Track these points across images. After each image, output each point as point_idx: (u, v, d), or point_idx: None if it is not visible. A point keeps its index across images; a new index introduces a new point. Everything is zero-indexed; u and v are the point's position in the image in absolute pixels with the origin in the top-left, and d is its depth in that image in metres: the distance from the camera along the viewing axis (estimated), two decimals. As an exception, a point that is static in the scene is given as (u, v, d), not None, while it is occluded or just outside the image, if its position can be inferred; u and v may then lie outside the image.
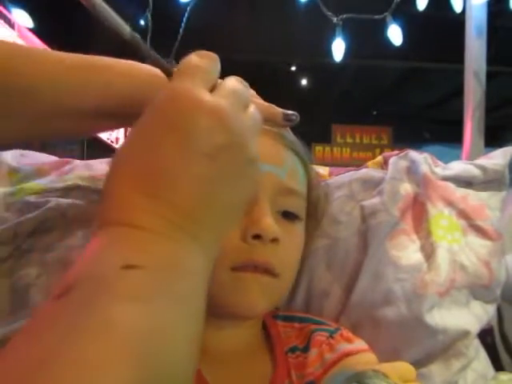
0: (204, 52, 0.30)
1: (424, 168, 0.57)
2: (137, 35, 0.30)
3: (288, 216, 0.45)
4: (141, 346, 0.20)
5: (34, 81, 0.38)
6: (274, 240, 0.42)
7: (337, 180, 0.59)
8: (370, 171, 0.60)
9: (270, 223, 0.41)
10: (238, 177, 0.28)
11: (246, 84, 0.32)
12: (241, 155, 0.28)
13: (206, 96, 0.27)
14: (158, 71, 0.45)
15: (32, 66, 0.38)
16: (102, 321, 0.20)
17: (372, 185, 0.58)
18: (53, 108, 0.40)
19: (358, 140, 6.00)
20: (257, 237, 0.41)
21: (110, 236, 0.24)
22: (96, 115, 0.41)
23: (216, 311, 0.43)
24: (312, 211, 0.50)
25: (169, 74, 0.31)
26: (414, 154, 0.59)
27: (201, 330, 0.24)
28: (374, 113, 5.79)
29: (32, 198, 0.50)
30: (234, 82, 0.30)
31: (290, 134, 0.49)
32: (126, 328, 0.20)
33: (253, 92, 0.48)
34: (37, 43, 2.94)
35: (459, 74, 1.50)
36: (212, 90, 0.28)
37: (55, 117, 0.41)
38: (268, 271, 0.42)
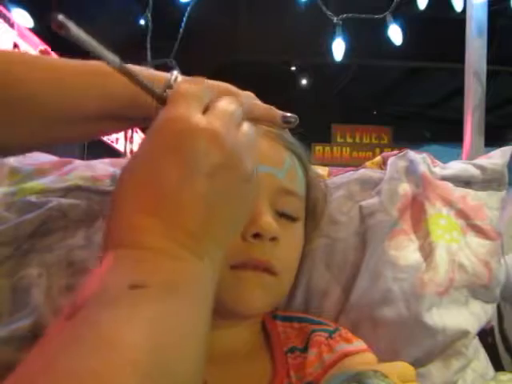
0: (192, 78, 0.32)
1: (422, 168, 0.57)
2: (125, 65, 0.31)
3: (286, 215, 0.45)
4: (145, 362, 0.20)
5: (35, 88, 0.39)
6: (274, 239, 0.42)
7: (335, 180, 0.60)
8: (368, 171, 0.60)
9: (269, 222, 0.42)
10: (237, 193, 0.30)
11: (240, 101, 0.33)
12: (237, 172, 0.29)
13: (200, 119, 0.28)
14: (158, 74, 0.45)
15: (33, 74, 0.39)
16: (107, 336, 0.20)
17: (370, 185, 0.58)
18: (55, 114, 0.41)
19: (357, 140, 5.99)
20: (256, 236, 0.41)
21: (117, 258, 0.25)
22: (98, 119, 0.42)
23: (215, 310, 0.43)
24: (311, 212, 0.50)
25: (161, 101, 0.32)
26: (412, 153, 0.59)
27: (207, 345, 0.25)
28: (374, 113, 5.79)
29: (33, 198, 0.50)
30: (225, 103, 0.32)
31: (289, 136, 0.49)
32: (131, 344, 0.20)
33: (251, 94, 0.48)
34: (37, 43, 2.94)
35: (459, 74, 1.50)
36: (205, 111, 0.30)
37: (57, 122, 0.41)
38: (267, 270, 0.42)
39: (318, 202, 0.52)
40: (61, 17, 0.27)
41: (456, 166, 0.60)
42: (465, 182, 0.59)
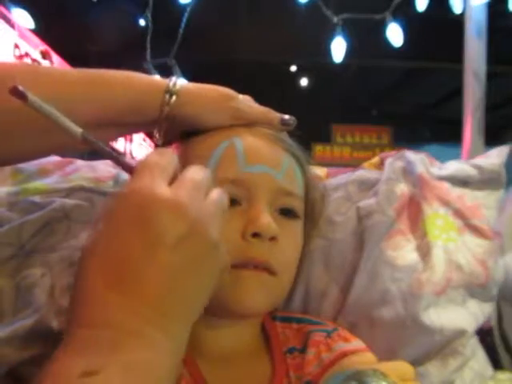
0: (160, 150, 0.33)
1: (420, 168, 0.57)
2: (88, 135, 0.32)
3: (286, 214, 0.46)
4: None
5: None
6: (273, 238, 0.42)
7: (333, 182, 0.60)
8: (366, 172, 0.60)
9: (268, 222, 0.42)
10: (202, 262, 0.29)
11: (207, 171, 0.34)
12: (202, 241, 0.29)
13: (164, 190, 0.29)
14: (156, 81, 0.46)
15: (35, 84, 0.39)
16: None
17: (368, 186, 0.58)
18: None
19: (358, 140, 5.99)
20: (256, 235, 0.41)
21: (75, 341, 0.25)
22: (97, 126, 0.42)
23: (215, 310, 0.43)
24: (309, 212, 0.51)
25: (130, 170, 0.32)
26: (410, 154, 0.59)
27: None
28: (374, 113, 5.79)
29: (36, 199, 0.51)
30: (192, 173, 0.32)
31: (287, 138, 0.49)
32: None
33: (249, 97, 0.48)
34: (37, 44, 2.94)
35: (459, 74, 1.51)
36: (171, 182, 0.30)
37: (57, 132, 0.42)
38: (267, 269, 0.43)
39: (316, 203, 0.52)
40: (21, 87, 0.28)
41: (453, 166, 0.60)
42: (462, 181, 0.59)
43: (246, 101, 0.47)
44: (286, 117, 0.48)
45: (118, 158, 0.33)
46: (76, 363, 0.23)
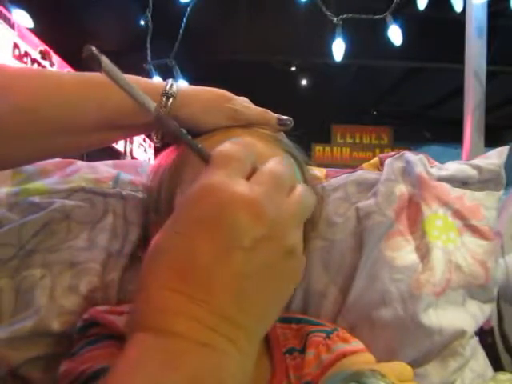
0: (237, 140, 0.30)
1: (419, 169, 0.57)
2: (162, 112, 0.29)
3: None
4: None
5: (33, 101, 0.39)
6: None
7: (332, 182, 0.60)
8: (365, 173, 0.60)
9: None
10: (277, 269, 0.27)
11: (290, 163, 0.31)
12: (279, 245, 0.26)
13: (241, 187, 0.26)
14: (153, 83, 0.45)
15: (32, 86, 0.39)
16: None
17: (367, 186, 0.58)
18: (53, 126, 0.41)
19: (357, 140, 5.99)
20: None
21: (143, 348, 0.24)
22: (96, 128, 0.43)
23: None
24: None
25: (205, 159, 0.29)
26: (409, 154, 0.59)
27: None
28: (374, 113, 5.79)
29: (37, 199, 0.51)
30: (273, 166, 0.29)
31: (285, 138, 0.49)
32: None
33: (245, 99, 0.48)
34: (37, 44, 2.94)
35: (459, 74, 1.50)
36: (250, 175, 0.28)
37: (56, 134, 0.42)
38: None
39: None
40: (94, 49, 0.26)
41: (453, 167, 0.60)
42: (462, 182, 0.59)
43: (242, 102, 0.47)
44: (283, 117, 0.48)
45: (192, 144, 0.30)
46: (146, 373, 0.22)
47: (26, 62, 2.83)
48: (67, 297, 0.46)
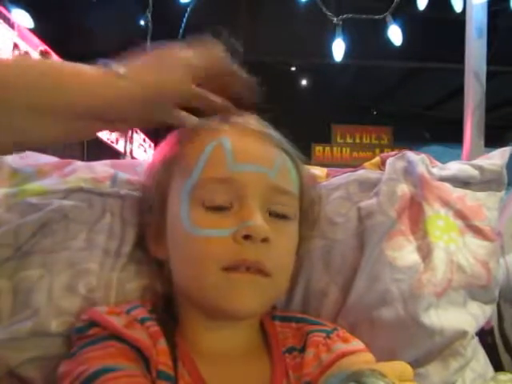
0: None
1: (421, 169, 0.57)
2: None
3: (279, 215, 0.45)
4: None
5: (29, 86, 0.39)
6: (265, 239, 0.42)
7: (334, 182, 0.60)
8: (366, 172, 0.60)
9: (259, 223, 0.41)
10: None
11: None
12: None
13: None
14: (103, 70, 0.44)
15: (27, 73, 0.39)
16: None
17: (369, 186, 0.58)
18: (49, 110, 0.40)
19: (358, 140, 6.00)
20: (247, 237, 0.41)
21: None
22: (88, 117, 0.42)
23: (211, 312, 0.43)
24: (305, 211, 0.50)
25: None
26: (411, 154, 0.59)
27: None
28: (374, 113, 5.79)
29: (34, 200, 0.50)
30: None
31: (276, 134, 0.49)
32: None
33: (200, 90, 0.47)
34: (37, 44, 2.94)
35: (459, 74, 1.50)
36: None
37: (52, 120, 0.41)
38: (260, 271, 0.42)
39: (312, 201, 0.52)
40: None
41: (454, 167, 0.60)
42: (463, 182, 0.59)
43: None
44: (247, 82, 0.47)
45: None
46: None
47: (25, 62, 2.83)
48: (66, 297, 0.46)
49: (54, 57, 3.18)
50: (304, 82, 5.07)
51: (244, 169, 0.43)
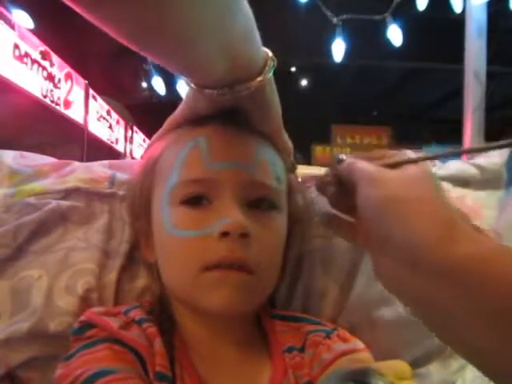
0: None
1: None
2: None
3: (262, 208, 0.44)
4: None
5: None
6: (244, 235, 0.40)
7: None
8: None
9: (236, 219, 0.40)
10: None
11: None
12: None
13: None
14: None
15: None
16: None
17: None
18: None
19: (358, 140, 6.00)
20: (225, 234, 0.40)
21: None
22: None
23: (199, 313, 0.43)
24: (294, 205, 0.50)
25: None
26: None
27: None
28: (374, 113, 5.80)
29: (32, 200, 0.50)
30: None
31: (257, 129, 0.46)
32: None
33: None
34: (37, 44, 2.94)
35: (459, 74, 1.50)
36: None
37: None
38: (243, 268, 0.41)
39: (304, 196, 0.52)
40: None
41: (454, 166, 0.60)
42: (463, 181, 0.59)
43: None
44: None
45: None
46: None
47: (26, 63, 2.83)
48: (64, 297, 0.46)
49: (54, 57, 3.18)
50: (304, 83, 5.08)
51: (220, 167, 0.42)
